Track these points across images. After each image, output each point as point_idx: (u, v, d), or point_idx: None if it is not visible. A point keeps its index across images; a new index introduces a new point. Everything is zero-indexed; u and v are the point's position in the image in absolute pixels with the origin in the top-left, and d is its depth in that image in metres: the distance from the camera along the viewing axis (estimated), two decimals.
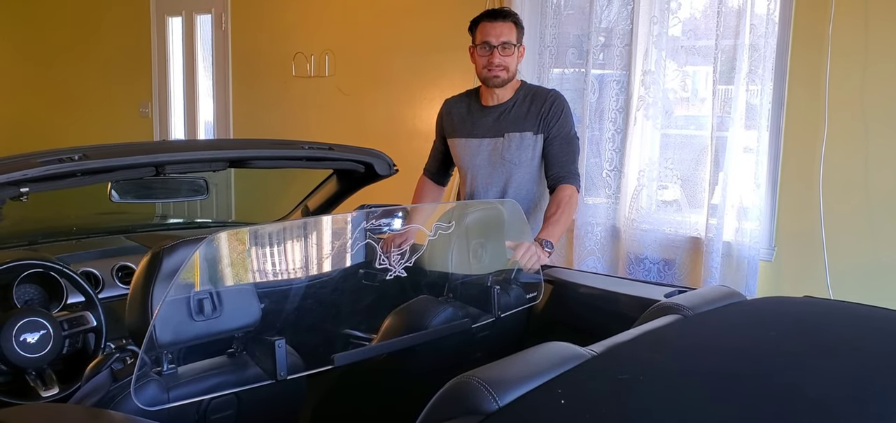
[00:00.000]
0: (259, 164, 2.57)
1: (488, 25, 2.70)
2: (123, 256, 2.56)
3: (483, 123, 2.79)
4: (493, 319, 2.18)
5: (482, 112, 2.80)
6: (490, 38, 2.69)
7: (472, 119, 2.82)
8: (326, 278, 2.06)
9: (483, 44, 2.70)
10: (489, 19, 2.72)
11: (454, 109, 2.89)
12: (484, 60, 2.71)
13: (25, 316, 2.01)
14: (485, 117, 2.79)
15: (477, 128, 2.80)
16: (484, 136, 2.79)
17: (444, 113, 2.94)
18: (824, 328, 1.50)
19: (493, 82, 2.72)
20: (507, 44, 2.69)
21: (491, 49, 2.68)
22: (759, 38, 3.18)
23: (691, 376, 1.25)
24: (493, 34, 2.69)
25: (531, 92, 2.79)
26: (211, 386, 1.65)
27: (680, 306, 1.59)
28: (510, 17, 2.74)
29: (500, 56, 2.68)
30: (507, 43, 2.69)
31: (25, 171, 1.99)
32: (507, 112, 2.76)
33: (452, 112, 2.89)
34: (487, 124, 2.78)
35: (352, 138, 3.24)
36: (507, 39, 2.69)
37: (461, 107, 2.87)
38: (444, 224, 2.08)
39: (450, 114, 2.90)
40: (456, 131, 2.86)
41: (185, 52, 5.90)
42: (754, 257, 3.26)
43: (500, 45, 2.68)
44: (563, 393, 1.14)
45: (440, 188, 3.05)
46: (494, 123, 2.77)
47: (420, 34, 4.44)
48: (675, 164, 3.55)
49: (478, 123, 2.80)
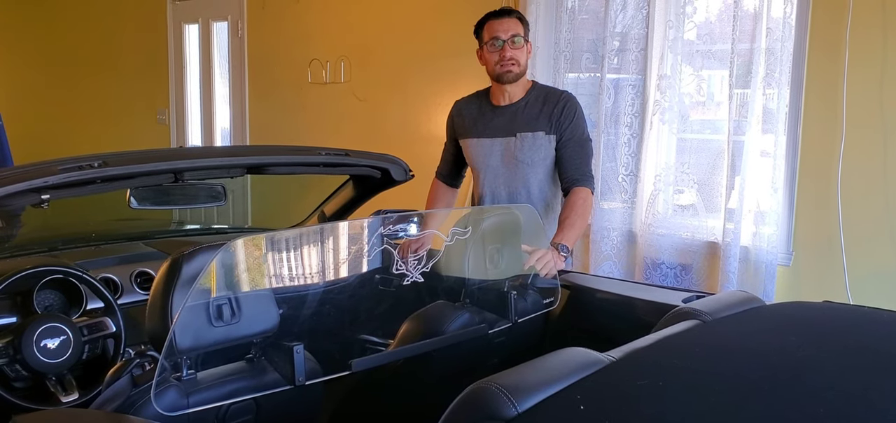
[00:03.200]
0: (276, 170, 2.58)
1: (495, 23, 2.74)
2: (142, 262, 2.58)
3: (495, 123, 2.79)
4: (509, 324, 2.18)
5: (494, 112, 2.81)
6: (499, 33, 2.72)
7: (483, 119, 2.82)
8: (343, 284, 2.07)
9: (492, 40, 2.73)
10: (496, 17, 2.76)
11: (465, 110, 2.89)
12: (495, 56, 2.72)
13: (46, 322, 2.03)
14: (497, 117, 2.79)
15: (489, 128, 2.80)
16: (496, 135, 2.79)
17: (454, 114, 2.94)
18: (845, 334, 1.48)
19: (506, 78, 2.73)
20: (517, 37, 2.71)
21: (501, 44, 2.71)
22: (776, 41, 3.16)
23: (711, 382, 1.24)
24: (502, 29, 2.72)
25: (543, 92, 2.80)
26: (230, 392, 1.66)
27: (698, 311, 1.58)
28: (515, 13, 2.79)
29: (511, 49, 2.71)
30: (516, 36, 2.71)
31: (46, 178, 2.01)
32: (520, 112, 2.76)
33: (463, 113, 2.89)
34: (500, 124, 2.78)
35: (367, 144, 3.25)
36: (516, 32, 2.72)
37: (472, 107, 2.88)
38: (461, 229, 2.09)
39: (461, 114, 2.90)
40: (468, 132, 2.86)
41: (202, 60, 5.94)
42: (772, 261, 3.24)
43: (510, 38, 2.71)
44: (582, 399, 1.14)
45: (453, 191, 3.06)
46: (507, 122, 2.77)
47: (435, 40, 4.45)
48: (692, 168, 3.53)
49: (490, 122, 2.80)
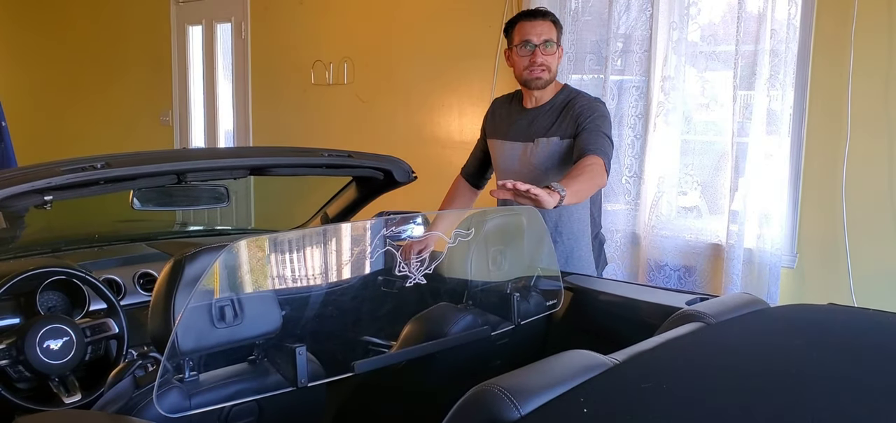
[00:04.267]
0: (279, 171, 2.58)
1: (528, 25, 2.63)
2: (145, 263, 2.58)
3: (518, 127, 2.73)
4: (512, 326, 2.17)
5: (520, 114, 2.74)
6: (531, 37, 2.61)
7: (509, 121, 2.76)
8: (346, 286, 2.07)
9: (523, 43, 2.62)
10: (528, 19, 2.64)
11: (498, 110, 2.84)
12: (525, 61, 2.62)
13: (49, 323, 2.03)
14: (521, 120, 2.73)
15: (512, 131, 2.74)
16: (517, 139, 2.72)
17: (489, 113, 2.88)
18: (850, 337, 1.48)
19: (534, 84, 2.65)
20: (549, 42, 2.61)
21: (532, 48, 2.60)
22: (780, 43, 3.16)
23: (715, 384, 1.23)
24: (534, 33, 2.61)
25: (568, 97, 2.67)
26: (232, 393, 1.66)
27: (703, 313, 1.57)
28: (549, 16, 2.67)
29: (542, 55, 2.60)
30: (548, 41, 2.61)
31: (49, 179, 2.01)
32: (541, 116, 2.68)
33: (496, 113, 2.84)
34: (521, 128, 2.72)
35: (370, 146, 3.25)
36: (549, 38, 2.62)
37: (503, 108, 2.81)
38: (464, 231, 2.08)
39: (493, 114, 2.85)
40: (496, 133, 2.81)
41: (205, 61, 5.95)
42: (776, 264, 3.23)
43: (542, 43, 2.61)
44: (585, 402, 1.13)
45: (474, 192, 2.96)
46: (528, 126, 2.70)
47: (438, 42, 4.44)
48: (696, 170, 3.52)
49: (514, 125, 2.74)
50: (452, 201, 2.94)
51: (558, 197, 2.15)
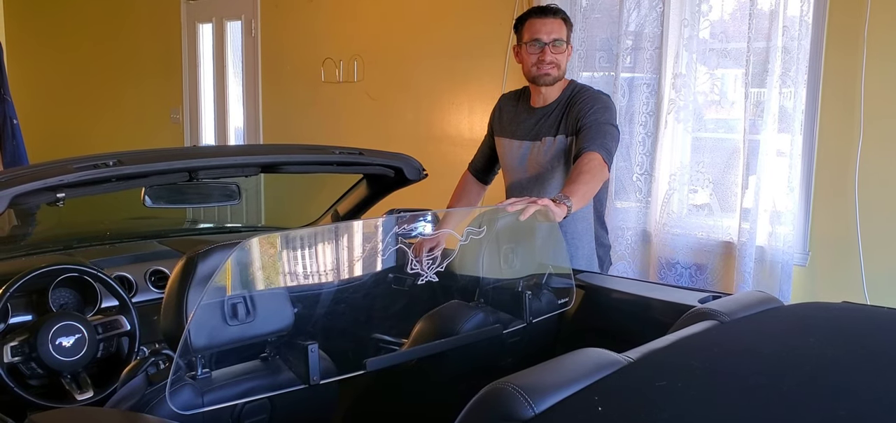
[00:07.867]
0: (291, 169, 2.57)
1: (538, 22, 2.62)
2: (156, 260, 2.58)
3: (525, 125, 2.73)
4: (524, 324, 2.16)
5: (527, 113, 2.74)
6: (541, 35, 2.60)
7: (517, 119, 2.76)
8: (358, 283, 2.07)
9: (532, 41, 2.61)
10: (539, 16, 2.63)
11: (505, 107, 2.83)
12: (534, 58, 2.61)
13: (61, 320, 2.04)
14: (528, 119, 2.72)
15: (519, 129, 2.74)
16: (523, 138, 2.72)
17: (496, 109, 2.87)
18: (865, 334, 1.47)
19: (543, 81, 2.63)
20: (559, 40, 2.60)
21: (542, 46, 2.59)
22: (792, 40, 3.14)
23: (730, 383, 1.23)
24: (544, 31, 2.60)
25: (575, 91, 2.66)
26: (244, 391, 1.66)
27: (716, 311, 1.56)
28: (560, 13, 2.65)
29: (552, 53, 2.59)
30: (558, 40, 2.60)
31: (62, 177, 2.02)
32: (548, 115, 2.68)
33: (503, 110, 2.83)
34: (528, 126, 2.71)
35: (380, 143, 3.25)
36: (558, 36, 2.61)
37: (510, 105, 2.81)
38: (475, 229, 2.07)
39: (501, 111, 2.84)
40: (503, 130, 2.80)
41: (216, 59, 5.96)
42: (788, 261, 3.22)
43: (552, 42, 2.60)
44: (599, 400, 1.13)
45: (481, 187, 2.95)
46: (534, 125, 2.70)
47: (448, 39, 4.44)
48: (707, 167, 3.51)
49: (521, 124, 2.74)
50: (460, 197, 2.94)
51: (566, 208, 2.15)
